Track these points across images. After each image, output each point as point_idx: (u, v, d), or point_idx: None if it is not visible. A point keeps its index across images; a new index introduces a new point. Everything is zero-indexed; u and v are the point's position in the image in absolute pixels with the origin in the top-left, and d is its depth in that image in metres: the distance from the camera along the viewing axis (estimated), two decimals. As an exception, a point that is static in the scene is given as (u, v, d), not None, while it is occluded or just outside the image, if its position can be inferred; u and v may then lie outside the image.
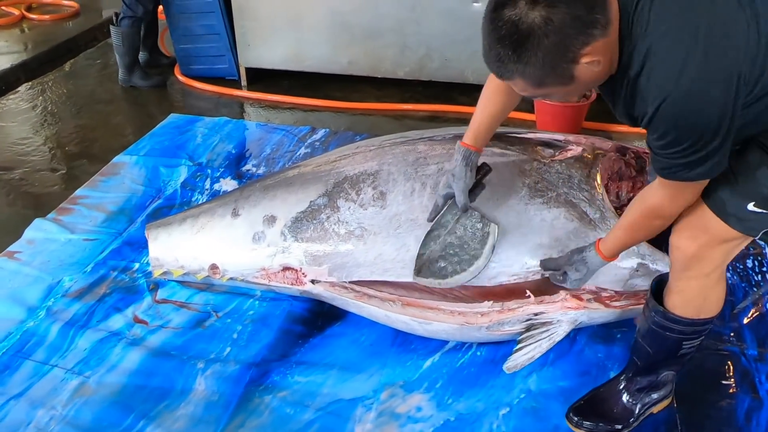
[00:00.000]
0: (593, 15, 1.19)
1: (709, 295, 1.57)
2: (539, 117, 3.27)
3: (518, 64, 1.21)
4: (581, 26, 1.18)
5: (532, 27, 1.17)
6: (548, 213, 1.90)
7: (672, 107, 1.22)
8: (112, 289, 2.28)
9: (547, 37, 1.17)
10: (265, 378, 1.96)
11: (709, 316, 1.61)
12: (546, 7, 1.17)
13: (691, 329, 1.63)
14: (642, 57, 1.23)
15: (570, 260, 1.70)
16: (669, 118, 1.23)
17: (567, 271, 1.71)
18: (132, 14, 3.66)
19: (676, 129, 1.24)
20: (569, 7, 1.17)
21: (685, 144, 1.25)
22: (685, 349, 1.69)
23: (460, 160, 1.77)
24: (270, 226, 2.07)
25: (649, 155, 1.90)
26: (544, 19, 1.17)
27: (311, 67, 3.75)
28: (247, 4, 3.60)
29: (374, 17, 3.50)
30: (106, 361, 2.01)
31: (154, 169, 3.00)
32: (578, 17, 1.18)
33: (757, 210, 1.41)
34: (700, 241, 1.49)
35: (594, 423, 1.79)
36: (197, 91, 3.86)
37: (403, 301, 1.97)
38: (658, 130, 1.27)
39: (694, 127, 1.23)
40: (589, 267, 1.67)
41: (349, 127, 3.45)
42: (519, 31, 1.18)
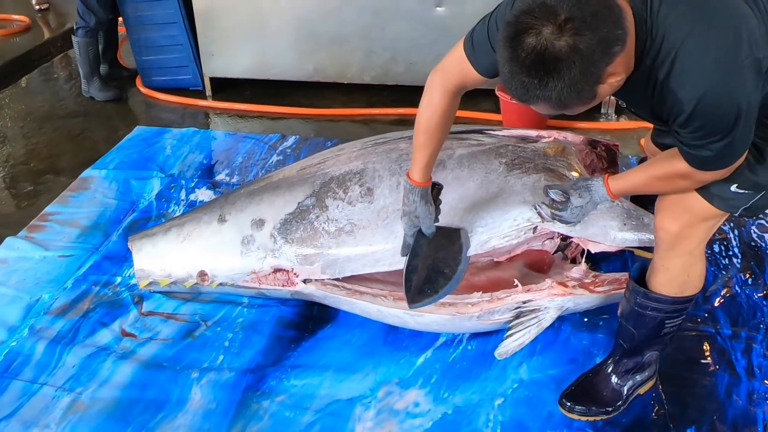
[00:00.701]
0: (616, 31, 1.19)
1: (691, 272, 1.66)
2: (505, 116, 3.35)
3: (544, 91, 1.20)
4: (606, 47, 1.18)
5: (560, 56, 1.16)
6: (528, 178, 1.97)
7: (709, 104, 1.26)
8: (95, 304, 2.25)
9: (575, 65, 1.16)
10: (262, 383, 1.97)
11: (692, 293, 1.69)
12: (573, 35, 1.15)
13: (673, 307, 1.71)
14: (670, 59, 1.26)
15: (575, 185, 1.72)
16: (706, 114, 1.27)
17: (571, 195, 1.71)
18: (85, 24, 3.60)
19: (712, 122, 1.28)
20: (595, 31, 1.16)
21: (716, 131, 1.30)
22: (668, 329, 1.77)
23: (418, 201, 1.71)
24: (259, 229, 2.08)
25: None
26: (571, 48, 1.16)
27: (277, 75, 3.76)
28: (210, 14, 3.59)
29: (339, 23, 3.53)
30: (97, 377, 1.98)
31: (125, 182, 2.96)
32: (604, 39, 1.17)
33: (739, 191, 1.50)
34: (683, 221, 1.57)
35: (586, 407, 1.85)
36: (161, 103, 3.82)
37: (394, 296, 2.00)
38: (692, 124, 1.30)
39: (727, 117, 1.28)
40: (592, 197, 1.69)
41: (318, 133, 3.47)
42: (545, 60, 1.17)
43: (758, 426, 1.82)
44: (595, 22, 1.16)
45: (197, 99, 3.80)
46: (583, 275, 2.02)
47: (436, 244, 1.83)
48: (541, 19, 1.17)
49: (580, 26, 1.15)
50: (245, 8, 3.56)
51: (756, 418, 1.85)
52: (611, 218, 1.92)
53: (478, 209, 1.97)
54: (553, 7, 1.17)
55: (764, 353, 2.04)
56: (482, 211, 1.95)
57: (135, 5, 3.67)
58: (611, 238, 1.96)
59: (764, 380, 1.95)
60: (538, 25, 1.17)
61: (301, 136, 3.38)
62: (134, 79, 4.01)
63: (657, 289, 1.69)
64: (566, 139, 2.21)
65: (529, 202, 1.92)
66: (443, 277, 1.85)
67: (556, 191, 1.75)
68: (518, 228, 1.88)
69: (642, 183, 1.61)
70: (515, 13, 1.21)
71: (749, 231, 2.56)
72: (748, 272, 2.36)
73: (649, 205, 2.11)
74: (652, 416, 1.86)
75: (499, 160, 2.04)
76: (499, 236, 1.87)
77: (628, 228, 1.95)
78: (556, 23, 1.16)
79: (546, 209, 1.80)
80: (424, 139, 1.65)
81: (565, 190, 1.74)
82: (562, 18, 1.16)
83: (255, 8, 3.56)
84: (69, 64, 4.36)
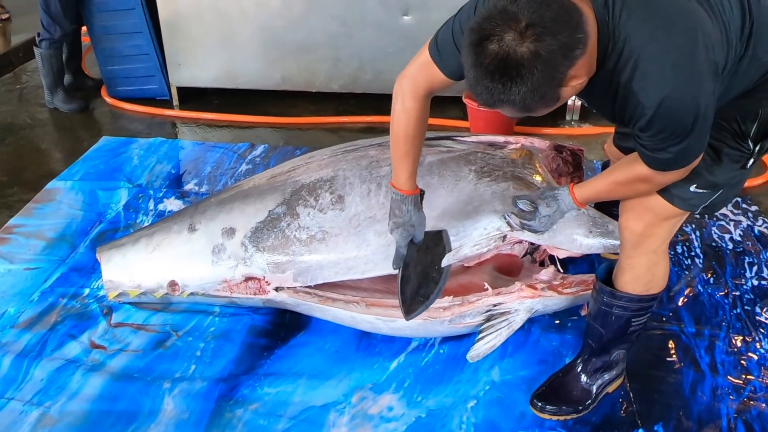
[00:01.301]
0: (576, 36, 1.21)
1: (655, 270, 1.70)
2: (473, 122, 3.39)
3: (508, 95, 1.22)
4: (567, 51, 1.21)
5: (521, 62, 1.18)
6: (497, 186, 2.00)
7: (669, 108, 1.30)
8: (63, 317, 2.22)
9: (537, 70, 1.19)
10: (235, 392, 1.96)
11: (656, 291, 1.74)
12: (534, 41, 1.18)
13: (639, 305, 1.76)
14: (632, 62, 1.29)
15: (543, 195, 1.75)
16: (667, 117, 1.31)
17: (539, 205, 1.74)
18: (50, 36, 3.56)
19: (672, 124, 1.33)
20: (555, 36, 1.18)
21: (676, 134, 1.34)
22: (634, 327, 1.82)
23: (413, 210, 1.71)
24: (229, 238, 2.07)
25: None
26: (532, 53, 1.18)
27: (245, 84, 3.76)
28: (176, 23, 3.58)
29: (306, 32, 3.55)
30: (66, 390, 1.95)
31: (92, 193, 2.93)
32: (564, 44, 1.20)
33: (698, 190, 1.56)
34: (646, 220, 1.63)
35: (557, 406, 1.88)
36: (127, 113, 3.79)
37: (366, 302, 2.01)
38: (653, 128, 1.34)
39: (687, 119, 1.32)
40: (559, 205, 1.72)
41: (287, 142, 3.47)
42: (508, 66, 1.19)
43: (722, 420, 1.88)
44: (555, 27, 1.18)
45: (164, 109, 3.78)
46: (552, 277, 2.06)
47: (423, 250, 1.84)
48: (502, 25, 1.19)
49: (541, 32, 1.17)
50: (212, 17, 3.56)
51: (720, 412, 1.90)
52: (577, 226, 1.97)
53: (448, 217, 1.99)
54: (514, 13, 1.19)
55: (727, 350, 2.10)
56: (453, 220, 1.97)
57: (100, 15, 3.63)
58: (578, 245, 2.00)
59: (727, 376, 2.01)
60: (500, 32, 1.19)
61: (270, 145, 3.38)
62: (99, 89, 3.97)
63: (623, 287, 1.73)
64: (533, 145, 2.25)
65: (498, 211, 1.95)
66: (432, 282, 1.86)
67: (524, 202, 1.77)
68: (488, 237, 1.90)
69: (605, 189, 1.66)
70: (478, 19, 1.24)
71: (710, 232, 2.63)
72: (710, 272, 2.43)
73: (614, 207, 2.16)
74: (621, 414, 1.90)
75: (468, 168, 2.07)
76: (470, 245, 1.90)
77: (594, 235, 1.99)
78: (517, 29, 1.18)
79: (515, 219, 1.83)
80: (406, 146, 1.65)
81: (533, 200, 1.77)
82: (522, 24, 1.18)
83: (221, 17, 3.56)
84: (32, 74, 4.28)
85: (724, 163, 1.54)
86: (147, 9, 3.59)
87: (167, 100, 3.84)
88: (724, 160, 1.53)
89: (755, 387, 1.97)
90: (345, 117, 3.69)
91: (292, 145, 3.40)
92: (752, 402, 1.93)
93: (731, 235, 2.62)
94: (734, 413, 1.89)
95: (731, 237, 2.61)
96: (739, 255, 2.51)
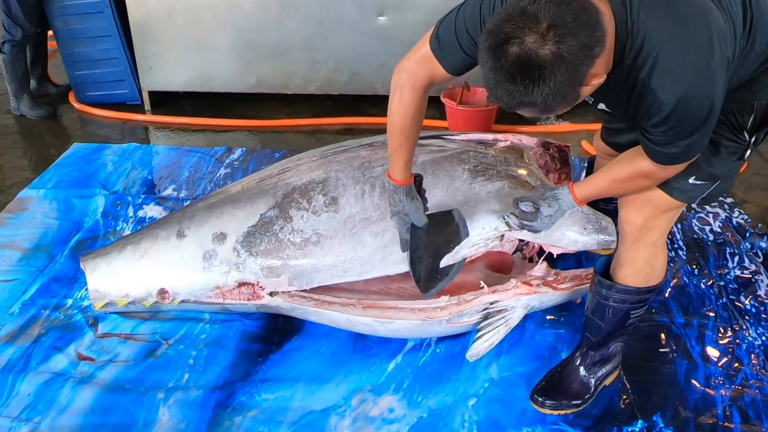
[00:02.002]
0: (595, 34, 1.20)
1: (655, 263, 1.73)
2: (451, 121, 3.40)
3: (530, 97, 1.21)
4: (587, 51, 1.19)
5: (543, 64, 1.17)
6: (492, 186, 2.00)
7: (686, 104, 1.31)
8: (47, 329, 2.15)
9: (559, 71, 1.17)
10: (232, 399, 1.92)
11: (655, 283, 1.76)
12: (556, 43, 1.16)
13: (638, 297, 1.78)
14: (652, 59, 1.29)
15: (544, 195, 1.76)
16: (683, 113, 1.33)
17: (540, 206, 1.75)
18: (11, 38, 3.45)
19: (687, 120, 1.34)
20: (576, 36, 1.17)
21: (688, 129, 1.36)
22: (632, 319, 1.84)
23: (404, 199, 1.74)
24: (221, 243, 2.03)
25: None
26: (554, 55, 1.16)
27: (218, 88, 3.70)
28: (147, 26, 3.50)
29: (281, 34, 3.51)
30: (55, 404, 1.89)
31: (66, 201, 2.84)
32: (585, 44, 1.18)
33: (697, 182, 1.59)
34: (645, 213, 1.65)
35: (557, 401, 1.89)
36: (97, 119, 3.69)
37: (363, 304, 1.99)
38: (667, 124, 1.35)
39: (701, 115, 1.34)
40: (560, 205, 1.73)
41: (264, 145, 3.43)
42: (530, 68, 1.18)
43: (717, 408, 1.91)
44: (576, 27, 1.17)
45: (136, 114, 3.70)
46: (545, 273, 2.07)
47: (433, 232, 1.86)
48: (523, 27, 1.17)
49: (563, 33, 1.16)
50: (184, 20, 3.50)
51: (715, 400, 1.93)
52: (572, 224, 1.98)
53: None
54: (534, 15, 1.17)
55: (716, 339, 2.14)
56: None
57: (66, 19, 3.54)
58: (573, 242, 2.01)
59: (719, 364, 2.05)
60: (521, 34, 1.17)
61: (247, 149, 3.33)
62: (66, 95, 3.86)
63: (623, 281, 1.75)
64: (522, 143, 2.26)
65: (495, 211, 1.96)
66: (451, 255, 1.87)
67: (526, 203, 1.78)
68: (487, 237, 1.90)
69: (606, 187, 1.67)
70: (496, 21, 1.22)
71: (691, 224, 2.68)
72: (694, 263, 2.48)
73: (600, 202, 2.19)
74: (620, 406, 1.92)
75: (462, 167, 2.07)
76: (469, 245, 1.90)
77: (588, 232, 2.01)
78: (538, 31, 1.16)
79: (514, 219, 1.84)
80: (401, 138, 1.66)
81: (535, 201, 1.78)
82: (544, 26, 1.16)
83: (194, 20, 3.50)
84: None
85: (722, 155, 1.57)
86: (116, 12, 3.51)
87: (138, 104, 3.76)
88: (722, 153, 1.56)
89: (746, 374, 2.01)
90: (322, 119, 3.66)
91: (270, 148, 3.36)
92: (745, 389, 1.97)
93: (711, 226, 2.67)
94: (729, 401, 1.93)
95: (711, 229, 2.67)
96: (720, 246, 2.57)
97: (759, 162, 3.23)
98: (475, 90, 3.41)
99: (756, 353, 2.09)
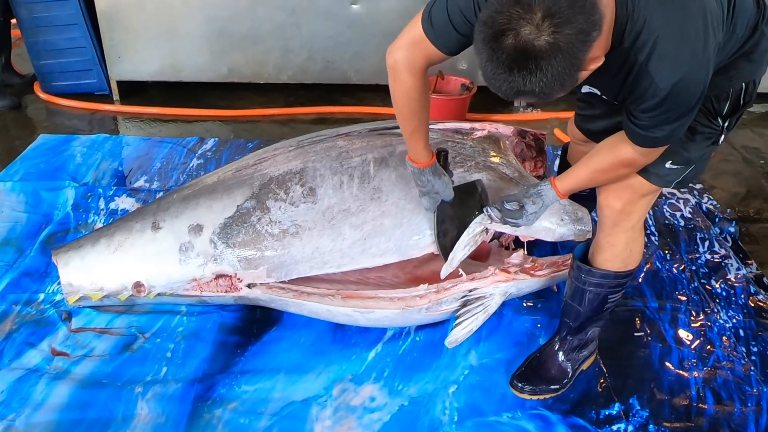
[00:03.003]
0: (592, 18, 1.19)
1: (633, 247, 1.76)
2: (425, 112, 3.40)
3: (528, 86, 1.20)
4: (584, 36, 1.19)
5: (540, 55, 1.16)
6: (471, 178, 2.01)
7: (681, 89, 1.32)
8: (18, 324, 2.10)
9: (556, 60, 1.17)
10: (212, 392, 1.90)
11: (633, 267, 1.80)
12: (552, 33, 1.15)
13: (616, 282, 1.81)
14: (650, 44, 1.30)
15: (527, 193, 1.77)
16: (676, 97, 1.34)
17: (525, 204, 1.76)
18: None
19: (678, 105, 1.36)
20: (572, 23, 1.16)
21: (677, 113, 1.37)
22: (609, 303, 1.87)
23: (432, 178, 1.80)
24: (197, 235, 2.01)
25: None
26: (551, 45, 1.16)
27: (189, 77, 3.65)
28: (115, 14, 3.43)
29: (253, 22, 3.47)
30: (30, 401, 1.85)
31: (35, 193, 2.78)
32: (581, 30, 1.17)
33: (673, 166, 1.62)
34: (624, 198, 1.67)
35: (535, 386, 1.92)
36: (64, 109, 3.61)
37: (342, 294, 1.99)
38: (660, 108, 1.36)
39: (692, 100, 1.36)
40: (544, 201, 1.74)
41: (236, 135, 3.39)
42: (527, 59, 1.17)
43: (691, 390, 1.95)
44: (571, 14, 1.16)
45: (104, 104, 3.62)
46: (523, 261, 2.08)
47: (457, 203, 1.89)
48: (518, 18, 1.16)
49: (558, 22, 1.15)
50: (153, 8, 3.43)
51: (689, 382, 1.98)
52: (550, 215, 1.99)
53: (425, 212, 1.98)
54: (529, 5, 1.16)
55: (689, 322, 2.19)
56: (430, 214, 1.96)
57: (30, 6, 3.44)
58: (552, 233, 2.03)
59: (692, 347, 2.09)
60: (516, 26, 1.16)
61: (220, 139, 3.29)
62: (31, 85, 3.77)
63: (602, 265, 1.77)
64: (498, 131, 2.27)
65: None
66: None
67: (512, 203, 1.80)
68: (474, 235, 1.91)
69: (587, 179, 1.68)
70: (490, 11, 1.20)
71: (662, 211, 2.73)
72: (666, 249, 2.52)
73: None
74: (597, 390, 1.95)
75: None
76: (461, 248, 1.90)
77: (566, 223, 2.02)
78: (533, 22, 1.15)
79: (496, 212, 1.84)
80: (414, 123, 1.69)
81: (519, 200, 1.79)
82: (539, 16, 1.15)
83: (163, 7, 3.44)
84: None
85: (697, 141, 1.59)
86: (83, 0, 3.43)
87: (107, 94, 3.69)
88: (697, 138, 1.59)
89: (718, 356, 2.06)
90: (295, 108, 3.63)
91: (243, 138, 3.32)
92: (717, 371, 2.01)
93: (682, 212, 2.73)
94: (702, 382, 1.97)
95: (682, 214, 2.72)
96: (691, 231, 2.62)
97: (726, 148, 3.29)
98: (449, 79, 3.41)
99: (727, 335, 2.14)
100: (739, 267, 2.42)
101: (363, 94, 3.63)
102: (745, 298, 2.29)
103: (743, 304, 2.26)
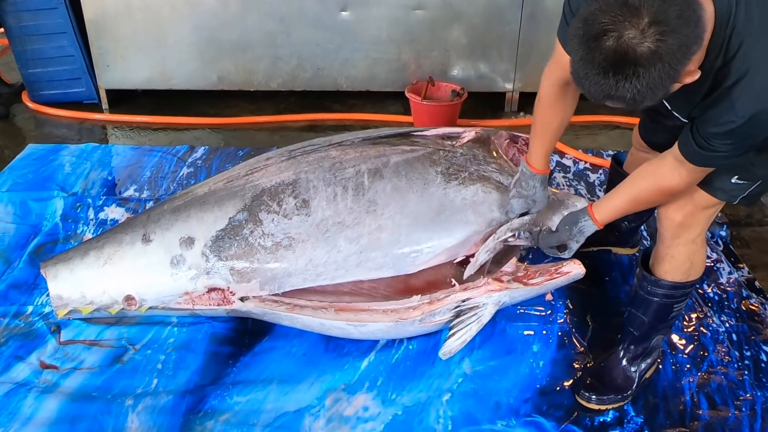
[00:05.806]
0: (696, 32, 1.16)
1: (694, 259, 1.75)
2: (416, 116, 3.39)
3: (621, 92, 1.17)
4: (686, 49, 1.16)
5: (639, 61, 1.13)
6: (467, 191, 2.01)
7: (756, 122, 1.31)
8: (6, 338, 2.08)
9: (655, 68, 1.14)
10: (203, 404, 1.89)
11: (695, 278, 1.79)
12: (657, 40, 1.12)
13: (681, 292, 1.80)
14: (741, 72, 1.27)
15: (570, 234, 1.77)
16: (750, 129, 1.32)
17: (570, 246, 1.79)
18: None
19: (750, 137, 1.35)
20: (677, 33, 1.13)
21: (746, 145, 1.37)
22: (675, 311, 1.86)
23: (539, 187, 1.85)
24: (188, 248, 1.99)
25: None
26: (653, 53, 1.13)
27: (178, 85, 3.63)
28: (103, 23, 3.41)
29: (243, 30, 3.46)
30: (19, 415, 1.83)
31: (23, 204, 2.75)
32: (685, 42, 1.15)
33: (739, 182, 1.60)
34: (686, 210, 1.67)
35: (602, 396, 1.89)
36: (53, 118, 3.59)
37: (335, 307, 1.97)
38: (733, 136, 1.34)
39: (763, 134, 1.35)
40: (584, 235, 1.76)
41: (226, 143, 3.38)
42: (624, 64, 1.14)
43: (685, 395, 1.95)
44: (678, 24, 1.13)
45: (93, 113, 3.60)
46: (516, 269, 2.07)
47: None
48: (623, 21, 1.13)
49: (665, 30, 1.12)
50: (141, 16, 3.42)
51: (683, 387, 1.97)
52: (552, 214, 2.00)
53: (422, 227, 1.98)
54: (637, 8, 1.12)
55: (682, 327, 2.18)
56: (426, 230, 1.97)
57: (18, 15, 3.42)
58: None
59: (685, 352, 2.09)
60: (620, 28, 1.13)
61: (210, 147, 3.27)
62: (19, 94, 3.74)
63: (663, 276, 1.77)
64: (490, 138, 2.26)
65: (470, 222, 1.98)
66: None
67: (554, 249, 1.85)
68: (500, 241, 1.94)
69: (626, 207, 1.69)
70: (593, 10, 1.16)
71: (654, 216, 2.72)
72: (658, 254, 2.52)
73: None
74: (591, 397, 1.94)
75: (435, 169, 2.05)
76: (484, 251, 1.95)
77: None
78: (639, 27, 1.12)
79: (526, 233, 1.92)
80: (537, 129, 1.76)
81: (564, 242, 1.81)
82: (645, 21, 1.12)
83: (152, 16, 3.42)
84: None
85: (764, 158, 1.56)
86: (71, 8, 3.40)
87: (96, 103, 3.66)
88: (764, 156, 1.55)
89: (712, 361, 2.06)
90: (285, 116, 3.61)
91: (233, 146, 3.30)
92: (711, 375, 2.01)
93: (673, 217, 2.72)
94: (696, 387, 1.97)
95: (673, 219, 2.71)
96: (683, 236, 2.61)
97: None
98: (440, 85, 3.41)
99: (720, 339, 2.13)
100: (731, 271, 2.42)
101: (353, 101, 3.62)
102: (737, 302, 2.29)
103: (736, 308, 2.26)
